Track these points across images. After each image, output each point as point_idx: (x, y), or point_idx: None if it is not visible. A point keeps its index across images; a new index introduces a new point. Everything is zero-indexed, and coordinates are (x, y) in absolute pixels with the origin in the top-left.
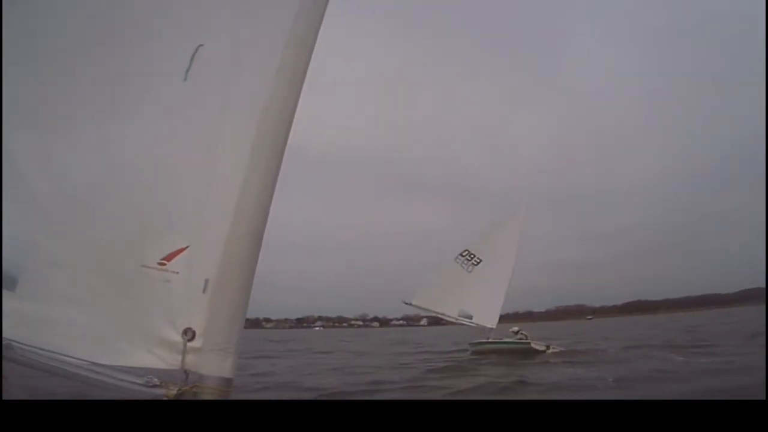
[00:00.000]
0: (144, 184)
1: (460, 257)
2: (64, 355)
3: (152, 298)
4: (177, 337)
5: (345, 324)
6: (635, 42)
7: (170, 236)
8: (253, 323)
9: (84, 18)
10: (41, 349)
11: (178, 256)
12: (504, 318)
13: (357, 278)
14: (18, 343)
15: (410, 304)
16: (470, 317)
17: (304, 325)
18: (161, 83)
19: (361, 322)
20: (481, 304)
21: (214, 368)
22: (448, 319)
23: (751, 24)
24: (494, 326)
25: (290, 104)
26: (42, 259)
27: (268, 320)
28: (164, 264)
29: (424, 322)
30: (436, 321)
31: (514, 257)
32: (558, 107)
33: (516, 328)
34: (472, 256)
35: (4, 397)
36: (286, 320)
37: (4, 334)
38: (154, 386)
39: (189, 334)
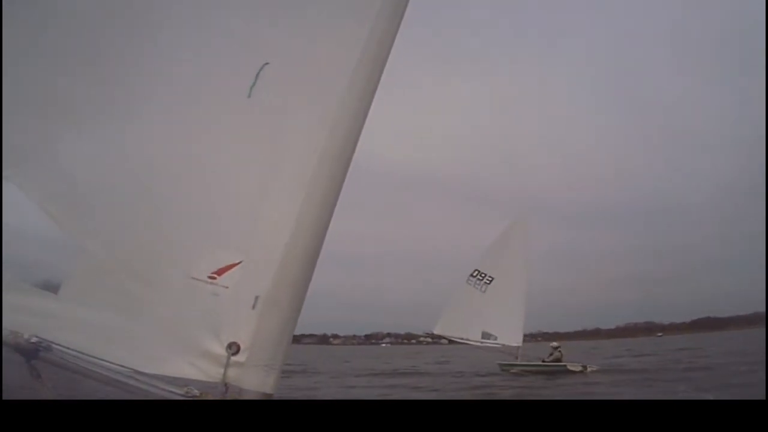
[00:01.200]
0: (200, 198)
1: (471, 278)
2: (104, 360)
3: (199, 310)
4: (221, 351)
5: (413, 341)
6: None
7: (223, 251)
8: (321, 339)
9: (151, 26)
10: (80, 352)
11: (230, 271)
12: (572, 335)
13: (427, 294)
14: (57, 345)
15: (432, 333)
16: (494, 338)
17: (372, 341)
18: (223, 99)
19: (430, 339)
20: (502, 323)
21: (256, 383)
22: (471, 343)
23: None
24: (520, 344)
25: (358, 122)
26: (88, 263)
27: (335, 336)
28: (215, 278)
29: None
30: None
31: (527, 270)
32: (622, 115)
33: (555, 344)
34: (483, 275)
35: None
36: (354, 336)
37: (45, 336)
38: (194, 397)
39: (233, 348)
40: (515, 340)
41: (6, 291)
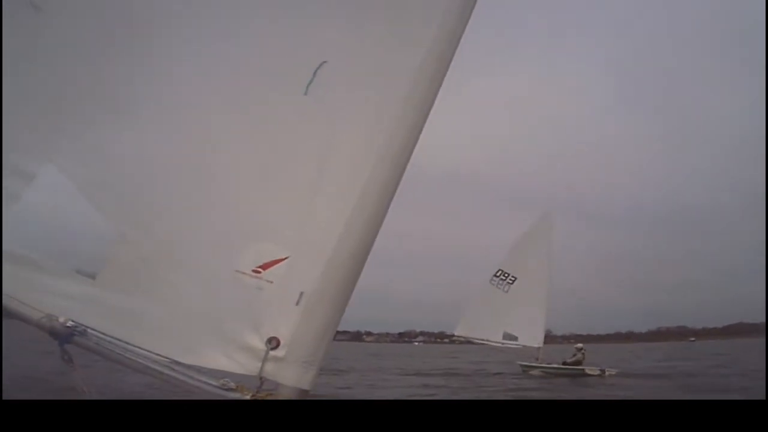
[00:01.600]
0: (249, 191)
1: (494, 278)
2: (140, 348)
3: (240, 303)
4: (260, 345)
5: (446, 339)
6: None
7: (270, 245)
8: (354, 336)
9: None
10: (117, 339)
11: (275, 266)
12: (604, 338)
13: (461, 293)
14: (93, 330)
15: (453, 335)
16: (515, 338)
17: (405, 339)
18: (279, 95)
19: (463, 338)
20: (523, 323)
21: (293, 379)
22: (492, 344)
23: None
24: (540, 345)
25: (420, 123)
26: (128, 251)
27: (369, 334)
28: (259, 272)
29: None
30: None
31: (548, 269)
32: (664, 118)
33: (579, 345)
34: (506, 275)
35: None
36: (387, 334)
37: (82, 321)
38: (229, 389)
39: (273, 342)
40: (536, 340)
41: (43, 274)
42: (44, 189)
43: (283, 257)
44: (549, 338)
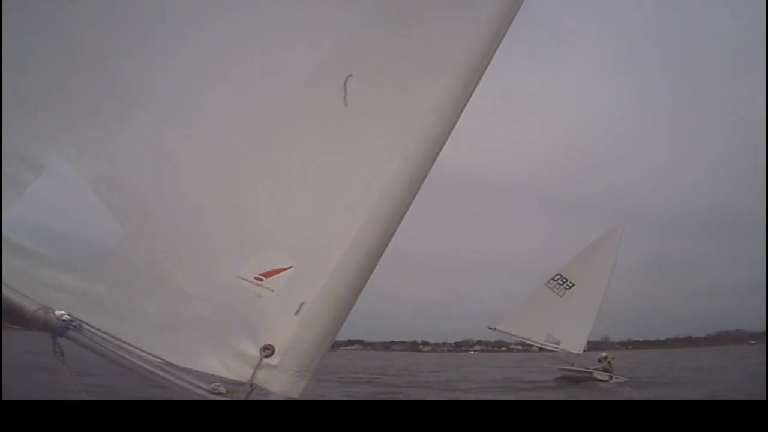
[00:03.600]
0: (261, 199)
1: (551, 281)
2: (134, 347)
3: (239, 309)
4: (254, 351)
5: (504, 348)
6: None
7: (275, 254)
8: (410, 346)
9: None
10: (112, 336)
11: (278, 275)
12: (663, 344)
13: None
14: (88, 325)
15: (494, 329)
16: (557, 342)
17: (463, 349)
18: (299, 105)
19: (521, 347)
20: (570, 329)
21: (284, 387)
22: (533, 344)
23: None
24: (580, 352)
25: (437, 146)
26: (133, 249)
27: (425, 343)
28: (261, 279)
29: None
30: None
31: (607, 280)
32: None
33: (604, 354)
34: (564, 280)
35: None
36: (444, 344)
37: (78, 316)
38: (219, 394)
39: (268, 350)
40: (577, 347)
41: (43, 266)
42: (52, 181)
43: (288, 266)
44: (606, 345)
